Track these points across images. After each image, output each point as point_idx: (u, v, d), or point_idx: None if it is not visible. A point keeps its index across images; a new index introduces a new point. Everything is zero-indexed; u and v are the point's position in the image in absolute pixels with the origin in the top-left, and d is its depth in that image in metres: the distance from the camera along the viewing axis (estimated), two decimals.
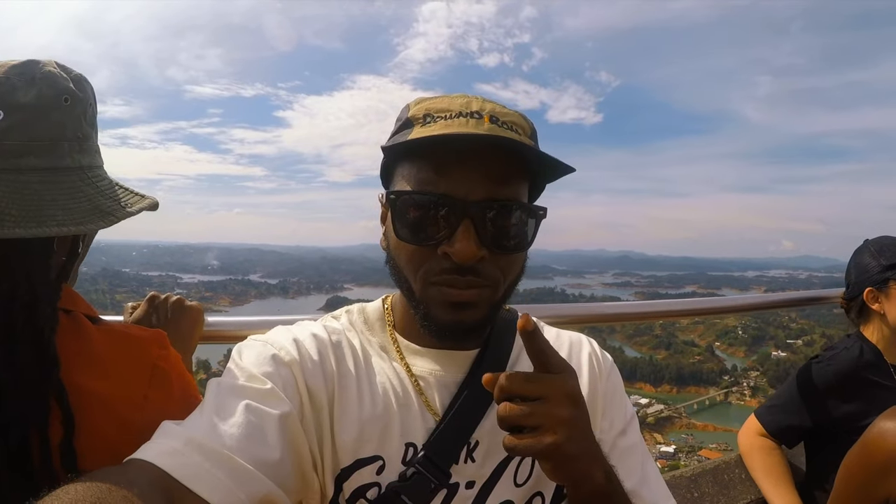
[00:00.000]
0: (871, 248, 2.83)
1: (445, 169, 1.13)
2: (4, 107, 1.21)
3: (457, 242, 1.10)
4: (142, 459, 0.91)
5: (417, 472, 1.16)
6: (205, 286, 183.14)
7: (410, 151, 1.18)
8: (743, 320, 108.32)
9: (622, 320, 3.05)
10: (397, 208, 1.16)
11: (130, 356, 1.34)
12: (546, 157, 1.15)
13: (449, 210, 1.12)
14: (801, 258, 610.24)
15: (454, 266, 1.12)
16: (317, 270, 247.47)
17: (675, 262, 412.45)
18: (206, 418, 1.01)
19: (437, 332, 1.20)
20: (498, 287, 1.19)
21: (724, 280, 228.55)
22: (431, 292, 1.17)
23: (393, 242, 1.23)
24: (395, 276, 1.25)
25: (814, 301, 4.03)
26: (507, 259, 1.18)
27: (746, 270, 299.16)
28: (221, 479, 0.91)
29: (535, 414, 0.96)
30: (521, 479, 1.25)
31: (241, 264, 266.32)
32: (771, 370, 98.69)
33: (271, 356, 1.16)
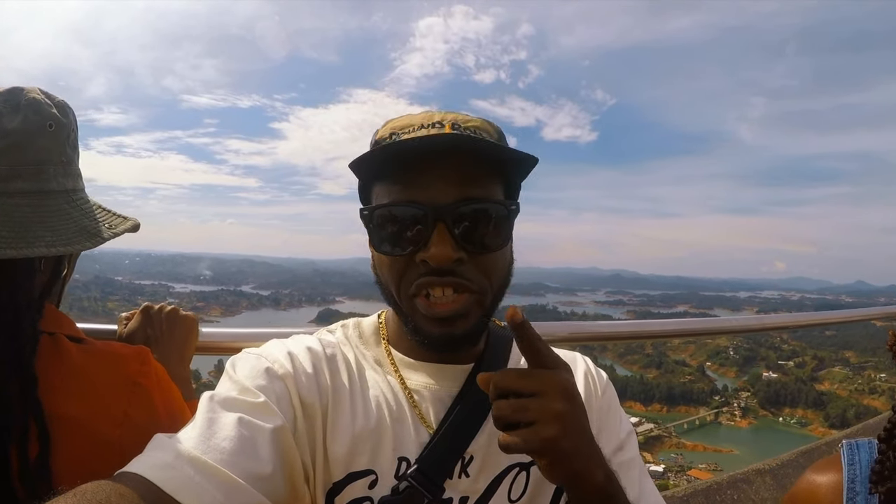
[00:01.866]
0: None
1: (412, 178, 1.14)
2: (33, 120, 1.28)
3: (432, 247, 1.11)
4: (133, 472, 0.91)
5: (410, 486, 1.14)
6: (197, 296, 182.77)
7: (379, 170, 1.20)
8: (734, 341, 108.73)
9: (615, 339, 2.95)
10: (372, 223, 1.19)
11: (109, 374, 1.35)
12: (505, 149, 1.15)
13: (421, 216, 1.13)
14: (793, 279, 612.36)
15: (432, 270, 1.13)
16: (309, 283, 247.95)
17: (668, 281, 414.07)
18: (199, 431, 1.00)
19: (429, 346, 1.21)
20: (484, 293, 1.19)
21: (717, 300, 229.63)
22: (415, 304, 1.18)
23: (375, 259, 1.25)
24: (383, 293, 1.27)
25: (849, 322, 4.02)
26: (487, 260, 1.18)
27: (739, 291, 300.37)
28: (212, 492, 0.91)
29: (530, 409, 0.96)
30: (515, 494, 1.24)
31: (233, 275, 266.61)
32: (762, 391, 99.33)
33: (265, 369, 1.16)
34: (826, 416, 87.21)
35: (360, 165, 1.18)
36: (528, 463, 1.24)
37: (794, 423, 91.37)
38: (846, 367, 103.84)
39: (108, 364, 1.37)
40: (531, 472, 1.25)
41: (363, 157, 1.15)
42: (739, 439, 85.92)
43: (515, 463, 1.24)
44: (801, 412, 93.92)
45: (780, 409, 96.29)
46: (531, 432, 0.94)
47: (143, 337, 1.68)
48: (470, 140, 1.13)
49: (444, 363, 1.29)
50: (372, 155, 1.15)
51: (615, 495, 1.04)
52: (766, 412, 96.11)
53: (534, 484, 1.25)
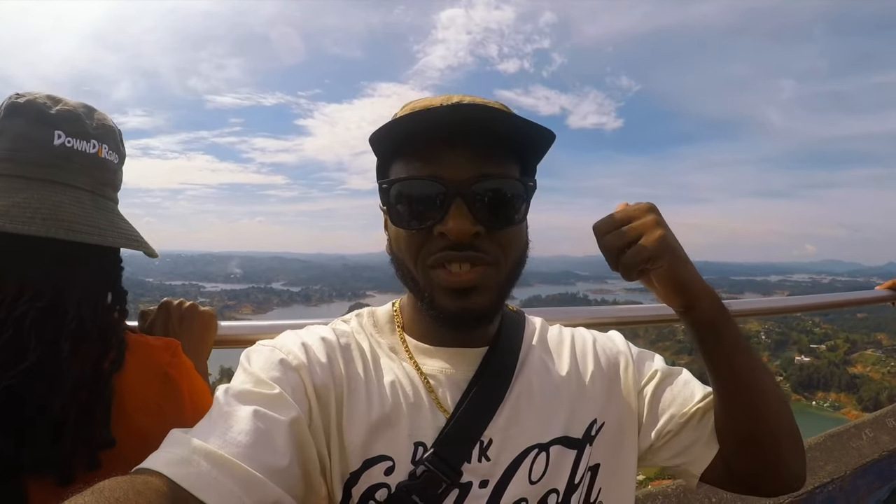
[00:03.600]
0: None
1: (431, 153, 1.16)
2: (118, 153, 1.54)
3: (450, 220, 1.12)
4: (149, 469, 0.91)
5: (427, 470, 1.14)
6: (227, 294, 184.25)
7: (398, 145, 1.21)
8: (766, 325, 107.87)
9: (635, 323, 2.97)
10: (390, 197, 1.19)
11: (143, 365, 1.45)
12: (521, 119, 1.16)
13: (439, 191, 1.14)
14: (824, 262, 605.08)
15: (451, 244, 1.14)
16: (339, 278, 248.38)
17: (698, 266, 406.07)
18: (214, 425, 1.01)
19: (445, 321, 1.20)
20: (500, 266, 1.20)
21: (747, 284, 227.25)
22: (433, 276, 1.18)
23: (392, 235, 1.26)
24: (399, 272, 1.27)
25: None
26: (504, 235, 1.19)
27: (769, 275, 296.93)
28: (229, 487, 0.91)
29: (633, 228, 1.11)
30: (535, 476, 1.23)
31: (263, 272, 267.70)
32: (794, 375, 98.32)
33: (279, 361, 1.16)
34: (859, 399, 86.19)
35: (380, 138, 1.18)
36: (547, 444, 1.24)
37: (827, 406, 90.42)
38: (878, 349, 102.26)
39: (141, 355, 1.46)
40: (550, 453, 1.24)
41: (383, 128, 1.16)
42: None
43: (535, 444, 1.24)
44: (834, 396, 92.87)
45: (812, 394, 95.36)
46: (642, 242, 1.07)
47: (163, 332, 1.74)
48: (486, 109, 1.13)
49: (459, 347, 1.30)
50: (392, 125, 1.16)
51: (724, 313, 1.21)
52: (799, 396, 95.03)
53: (553, 464, 1.24)
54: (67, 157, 1.40)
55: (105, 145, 1.47)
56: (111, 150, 1.49)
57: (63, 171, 1.40)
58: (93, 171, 1.45)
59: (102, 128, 1.48)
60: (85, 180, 1.44)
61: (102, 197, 1.48)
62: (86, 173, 1.44)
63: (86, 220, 1.39)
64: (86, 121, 1.44)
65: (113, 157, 1.50)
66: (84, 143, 1.42)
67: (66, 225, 1.35)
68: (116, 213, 1.51)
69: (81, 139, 1.42)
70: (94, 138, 1.44)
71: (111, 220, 1.47)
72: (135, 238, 1.50)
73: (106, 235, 1.41)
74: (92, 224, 1.40)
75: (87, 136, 1.43)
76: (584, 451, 1.28)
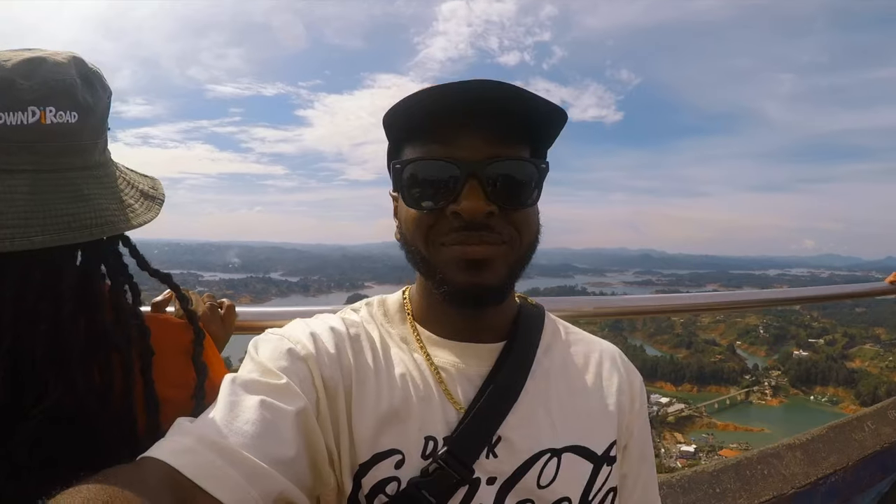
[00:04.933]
0: None
1: (445, 135, 1.15)
2: (77, 108, 1.27)
3: (463, 200, 1.12)
4: (154, 458, 0.90)
5: (440, 467, 1.12)
6: (226, 284, 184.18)
7: (412, 125, 1.19)
8: (764, 319, 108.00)
9: (641, 314, 3.07)
10: (403, 177, 1.18)
11: (169, 341, 1.45)
12: (537, 97, 1.15)
13: (453, 171, 1.13)
14: (822, 257, 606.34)
15: (464, 224, 1.13)
16: (337, 268, 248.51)
17: (697, 260, 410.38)
18: (220, 415, 1.00)
19: (456, 297, 1.18)
20: (512, 245, 1.19)
21: (746, 278, 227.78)
22: (444, 253, 1.17)
23: (403, 216, 1.24)
24: (409, 254, 1.25)
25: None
26: (518, 215, 1.19)
27: (768, 269, 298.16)
28: (234, 477, 0.91)
29: None
30: (545, 480, 1.20)
31: (262, 262, 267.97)
32: (793, 369, 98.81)
33: (287, 350, 1.15)
34: (857, 393, 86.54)
35: (395, 114, 1.18)
36: (560, 450, 1.23)
37: (825, 401, 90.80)
38: (877, 343, 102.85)
39: (167, 331, 1.46)
40: (562, 460, 1.22)
41: (397, 105, 1.16)
42: (770, 418, 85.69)
43: (547, 449, 1.21)
44: (832, 390, 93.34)
45: (811, 388, 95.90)
46: None
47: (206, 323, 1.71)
48: (500, 86, 1.12)
49: (472, 342, 1.28)
50: (406, 102, 1.15)
51: None
52: (797, 391, 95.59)
53: (565, 472, 1.22)
54: (1, 138, 1.20)
55: (50, 108, 1.23)
56: (62, 109, 1.25)
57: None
58: (35, 146, 1.24)
59: (44, 86, 1.23)
60: (25, 159, 1.23)
61: (53, 171, 1.26)
62: (28, 150, 1.23)
63: (10, 218, 1.19)
64: (20, 86, 1.21)
65: (66, 117, 1.25)
66: (19, 115, 1.21)
67: None
68: (68, 189, 1.28)
69: (15, 110, 1.20)
70: (31, 104, 1.21)
71: (50, 205, 1.24)
72: (83, 222, 1.26)
73: (28, 234, 1.19)
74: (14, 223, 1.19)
75: (22, 104, 1.21)
76: (602, 469, 1.26)
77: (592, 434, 1.27)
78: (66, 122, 1.26)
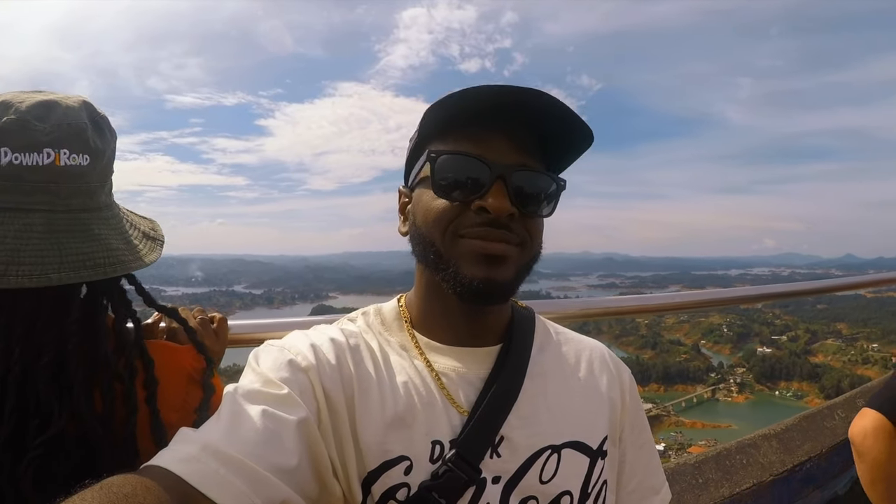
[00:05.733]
0: None
1: (481, 135, 1.20)
2: (88, 151, 1.31)
3: (491, 197, 1.16)
4: (158, 466, 0.91)
5: (450, 469, 1.14)
6: (189, 298, 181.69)
7: (448, 124, 1.23)
8: (728, 318, 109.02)
9: (624, 314, 3.12)
10: (436, 166, 1.21)
11: (169, 366, 1.46)
12: (576, 116, 1.21)
13: (485, 170, 1.17)
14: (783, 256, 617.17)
15: (487, 220, 1.17)
16: (301, 279, 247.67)
17: (659, 262, 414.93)
18: (223, 424, 1.01)
19: (465, 292, 1.20)
20: (526, 247, 1.24)
21: (708, 279, 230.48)
22: (461, 246, 1.19)
23: (423, 207, 1.26)
24: (421, 247, 1.27)
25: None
26: (533, 222, 1.24)
27: (730, 269, 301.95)
28: (238, 485, 0.92)
29: None
30: (546, 476, 1.24)
31: (224, 275, 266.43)
32: (757, 366, 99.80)
33: (288, 361, 1.16)
34: (821, 387, 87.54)
35: (437, 108, 1.21)
36: (560, 446, 1.26)
37: (790, 396, 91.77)
38: (839, 338, 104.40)
39: (168, 356, 1.47)
40: (562, 455, 1.26)
41: (445, 98, 1.19)
42: (737, 414, 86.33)
43: (547, 446, 1.25)
44: (796, 385, 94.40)
45: (775, 383, 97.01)
46: None
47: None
48: (545, 96, 1.17)
49: (470, 346, 1.31)
50: (453, 96, 1.18)
51: None
52: (762, 387, 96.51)
53: (565, 467, 1.25)
54: (18, 177, 1.24)
55: (64, 150, 1.27)
56: (75, 152, 1.28)
57: (12, 195, 1.25)
58: (49, 186, 1.27)
59: (59, 129, 1.27)
60: (40, 199, 1.26)
61: (66, 212, 1.30)
62: (42, 191, 1.26)
63: (27, 255, 1.22)
64: (36, 128, 1.25)
65: (79, 160, 1.29)
66: (35, 156, 1.24)
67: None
68: (80, 229, 1.32)
69: (31, 151, 1.24)
70: (47, 146, 1.25)
71: (64, 244, 1.27)
72: (96, 261, 1.31)
73: (46, 272, 1.23)
74: (31, 261, 1.22)
75: (39, 145, 1.24)
76: (598, 463, 1.30)
77: (588, 430, 1.31)
78: (79, 165, 1.29)
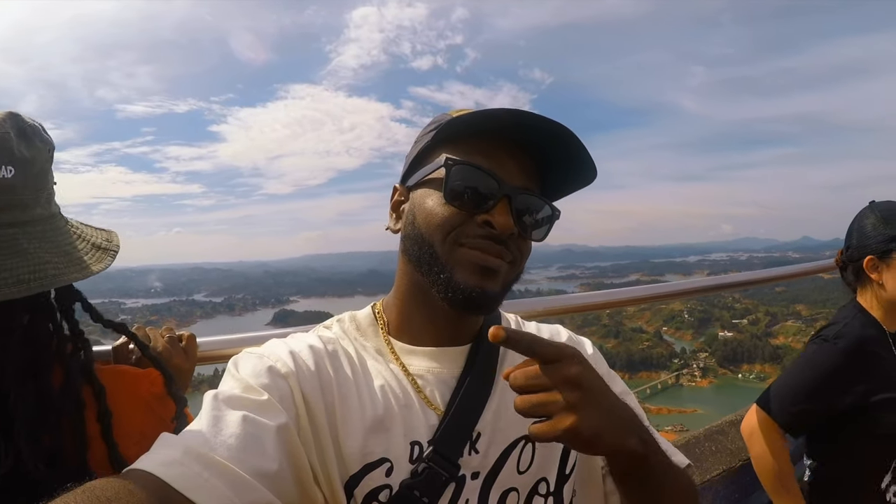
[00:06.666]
0: (878, 213, 2.62)
1: (493, 153, 1.24)
2: (13, 162, 1.23)
3: (497, 214, 1.19)
4: (141, 469, 0.91)
5: (429, 467, 1.17)
6: (149, 310, 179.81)
7: (465, 136, 1.27)
8: (688, 304, 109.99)
9: (585, 310, 3.03)
10: (451, 173, 1.23)
11: (127, 395, 1.42)
12: (586, 152, 1.25)
13: (495, 186, 1.21)
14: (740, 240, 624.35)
15: (490, 234, 1.20)
16: (261, 285, 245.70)
17: (618, 251, 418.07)
18: (204, 429, 1.01)
19: (456, 299, 1.21)
20: (515, 265, 1.28)
21: (667, 266, 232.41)
22: (460, 254, 1.21)
23: (426, 210, 1.27)
24: (415, 247, 1.28)
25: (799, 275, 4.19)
26: (525, 244, 1.29)
27: (688, 255, 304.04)
28: (220, 488, 0.91)
29: (546, 403, 0.99)
30: (523, 466, 1.28)
31: (184, 284, 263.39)
32: (719, 350, 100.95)
33: (268, 368, 1.17)
34: (783, 368, 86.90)
35: (463, 121, 1.24)
36: None
37: (753, 378, 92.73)
38: (798, 320, 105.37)
39: (125, 385, 1.43)
40: (536, 444, 1.30)
41: (476, 113, 1.23)
42: (702, 399, 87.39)
43: (522, 437, 1.29)
44: (759, 367, 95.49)
45: (738, 367, 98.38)
46: (550, 425, 0.98)
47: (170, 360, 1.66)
48: (565, 129, 1.20)
49: (444, 346, 1.34)
50: (482, 113, 1.22)
51: (651, 454, 1.08)
52: (726, 370, 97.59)
53: (540, 455, 1.30)
54: None
55: None
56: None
57: None
58: None
59: None
60: None
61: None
62: None
63: None
64: None
65: (2, 172, 1.23)
66: None
67: None
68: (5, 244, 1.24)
69: None
70: None
71: None
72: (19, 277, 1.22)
73: None
74: None
75: None
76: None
77: None
78: (2, 178, 1.23)
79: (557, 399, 0.98)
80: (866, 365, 2.47)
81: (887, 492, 2.50)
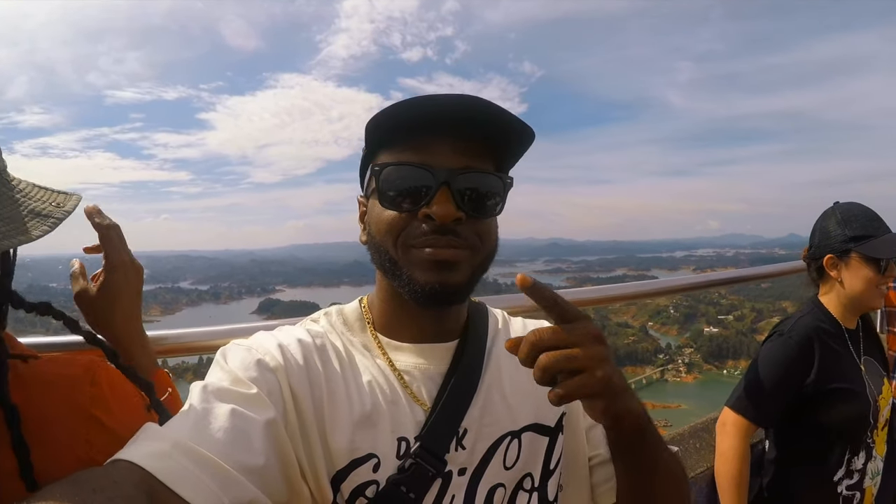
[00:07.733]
0: (838, 214, 2.84)
1: (423, 142, 1.20)
2: None
3: (435, 204, 1.16)
4: (127, 461, 0.89)
5: (416, 463, 1.17)
6: None
7: (389, 134, 1.24)
8: (674, 299, 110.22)
9: (584, 305, 2.94)
10: (381, 179, 1.21)
11: (62, 408, 1.08)
12: (511, 115, 1.20)
13: (428, 178, 1.18)
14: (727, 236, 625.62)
15: (434, 227, 1.18)
16: (247, 274, 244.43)
17: (605, 246, 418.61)
18: (192, 421, 1.00)
19: (421, 297, 1.21)
20: (477, 250, 1.24)
21: (654, 261, 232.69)
22: (413, 255, 1.20)
23: (375, 218, 1.26)
24: (378, 255, 1.28)
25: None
26: (482, 224, 1.24)
27: (675, 251, 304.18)
28: (208, 483, 0.91)
29: (578, 357, 0.97)
30: (509, 461, 1.28)
31: (169, 272, 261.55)
32: (704, 346, 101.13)
33: (256, 361, 1.16)
34: None
35: (377, 121, 1.21)
36: (519, 431, 1.31)
37: (737, 374, 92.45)
38: (784, 316, 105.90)
39: (59, 395, 1.09)
40: (522, 440, 1.31)
41: (383, 111, 1.19)
42: (687, 394, 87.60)
43: (507, 432, 1.29)
44: (744, 363, 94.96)
45: (723, 362, 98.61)
46: (586, 377, 0.96)
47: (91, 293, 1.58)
48: (476, 100, 1.17)
49: (430, 342, 1.34)
50: (390, 109, 1.18)
51: (649, 425, 1.13)
52: (710, 366, 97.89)
53: (525, 450, 1.31)
54: None
55: None
56: None
57: None
58: None
59: None
60: None
61: None
62: None
63: None
64: None
65: None
66: None
67: None
68: None
69: None
70: None
71: None
72: None
73: None
74: None
75: None
76: (558, 440, 1.36)
77: (544, 410, 1.35)
78: None
79: (588, 353, 0.98)
80: (818, 356, 2.67)
81: (839, 484, 2.68)
